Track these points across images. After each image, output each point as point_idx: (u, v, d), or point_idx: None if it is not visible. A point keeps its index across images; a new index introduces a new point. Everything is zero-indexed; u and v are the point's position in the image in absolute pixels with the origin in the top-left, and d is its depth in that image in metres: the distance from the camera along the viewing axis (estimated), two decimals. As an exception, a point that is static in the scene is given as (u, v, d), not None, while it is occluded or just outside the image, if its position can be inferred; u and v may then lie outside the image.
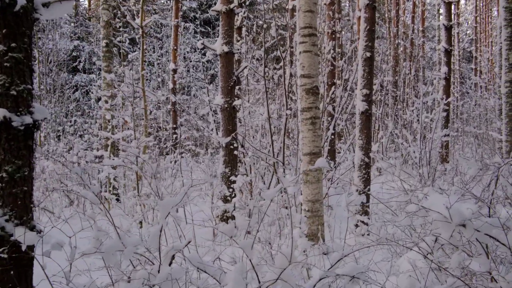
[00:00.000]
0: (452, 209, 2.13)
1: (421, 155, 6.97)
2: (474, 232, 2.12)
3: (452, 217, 2.12)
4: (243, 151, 7.39)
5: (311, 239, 4.98)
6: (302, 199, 5.07)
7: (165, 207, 2.32)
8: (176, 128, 12.94)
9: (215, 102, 6.80)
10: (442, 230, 2.20)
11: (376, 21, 5.86)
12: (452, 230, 2.15)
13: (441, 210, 2.14)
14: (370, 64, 5.81)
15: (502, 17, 6.95)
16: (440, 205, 2.16)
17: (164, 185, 8.01)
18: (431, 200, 2.27)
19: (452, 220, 2.12)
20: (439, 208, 2.16)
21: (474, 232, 2.12)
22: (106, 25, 9.99)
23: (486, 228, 2.13)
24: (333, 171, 7.35)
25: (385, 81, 12.71)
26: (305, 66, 4.94)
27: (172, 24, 13.37)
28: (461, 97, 21.84)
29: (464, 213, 2.15)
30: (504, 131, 7.16)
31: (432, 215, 2.19)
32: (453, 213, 2.13)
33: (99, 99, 10.02)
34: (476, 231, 2.12)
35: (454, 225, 2.13)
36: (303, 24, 4.95)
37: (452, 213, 2.12)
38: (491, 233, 2.14)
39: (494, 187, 2.60)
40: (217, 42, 6.77)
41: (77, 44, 23.70)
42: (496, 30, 22.27)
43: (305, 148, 5.01)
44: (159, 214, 2.39)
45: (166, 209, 2.33)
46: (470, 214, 2.14)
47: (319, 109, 5.02)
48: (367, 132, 5.79)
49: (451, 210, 2.12)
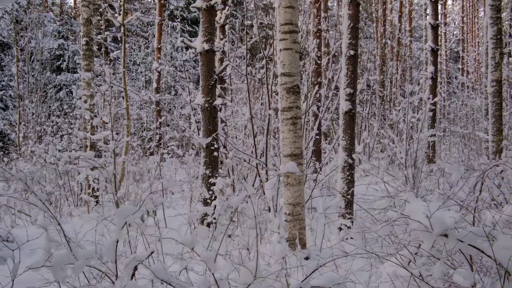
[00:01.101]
0: (433, 217, 1.95)
1: (407, 156, 6.83)
2: (457, 242, 1.95)
3: (433, 227, 1.95)
4: (225, 152, 7.19)
5: (292, 244, 4.80)
6: (282, 202, 4.88)
7: (122, 215, 2.11)
8: (159, 128, 12.71)
9: (195, 102, 6.59)
10: (423, 240, 2.03)
11: (360, 18, 5.69)
12: (433, 241, 1.98)
13: (421, 219, 1.97)
14: (354, 62, 5.64)
15: (488, 15, 6.82)
16: (420, 213, 1.98)
17: (142, 187, 7.78)
18: (411, 207, 2.09)
19: (433, 230, 1.95)
20: (419, 217, 1.98)
21: (457, 242, 1.95)
22: (86, 22, 9.71)
23: (470, 238, 1.96)
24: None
25: (372, 81, 12.60)
26: (286, 64, 4.75)
27: (156, 22, 13.10)
28: (448, 97, 21.84)
29: (446, 222, 1.97)
30: (490, 131, 7.04)
31: (412, 224, 2.02)
32: (434, 223, 1.95)
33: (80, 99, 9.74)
34: (459, 242, 1.95)
35: (435, 235, 1.96)
36: (283, 21, 4.76)
37: (433, 223, 1.95)
38: (475, 243, 1.97)
39: (479, 193, 2.43)
40: (197, 40, 6.56)
41: (61, 43, 23.31)
42: (482, 30, 22.31)
43: (285, 150, 4.82)
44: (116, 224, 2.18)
45: (123, 218, 2.12)
46: (453, 223, 1.96)
47: (300, 108, 4.84)
48: (351, 133, 5.62)
49: (432, 219, 1.95)
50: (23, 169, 8.90)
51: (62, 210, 7.98)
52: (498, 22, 6.77)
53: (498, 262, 1.93)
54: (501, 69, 6.83)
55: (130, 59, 25.02)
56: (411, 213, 2.06)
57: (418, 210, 2.02)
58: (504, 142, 6.82)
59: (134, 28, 28.56)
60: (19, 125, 11.36)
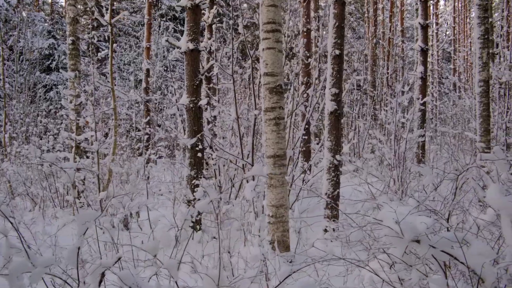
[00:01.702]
0: (404, 223, 1.88)
1: (395, 157, 6.76)
2: (428, 248, 1.87)
3: (404, 232, 1.88)
4: (211, 152, 7.11)
5: (275, 247, 4.72)
6: (265, 204, 4.80)
7: (83, 221, 2.02)
8: (148, 128, 12.59)
9: (180, 102, 6.50)
10: (394, 246, 1.95)
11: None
12: (405, 247, 1.91)
13: (392, 224, 1.90)
14: (339, 62, 5.57)
15: (476, 14, 6.78)
16: (391, 218, 1.91)
17: (126, 189, 7.68)
18: (384, 212, 2.02)
19: (404, 236, 1.88)
20: (390, 222, 1.91)
21: (429, 248, 1.88)
22: (73, 21, 9.59)
23: (443, 244, 1.89)
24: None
25: (362, 81, 12.55)
26: (269, 63, 4.68)
27: (145, 21, 12.98)
28: (439, 97, 21.84)
29: (417, 227, 1.90)
30: (478, 131, 7.00)
31: (384, 230, 1.94)
32: (405, 228, 1.88)
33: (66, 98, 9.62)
34: (431, 248, 1.88)
35: (407, 241, 1.89)
36: (266, 20, 4.68)
37: (404, 228, 1.88)
38: (448, 249, 1.90)
39: (453, 197, 2.35)
40: (182, 39, 6.47)
41: (52, 42, 23.10)
42: (474, 31, 22.32)
43: (268, 150, 4.74)
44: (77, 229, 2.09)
45: (84, 223, 2.03)
46: (425, 229, 1.89)
47: (283, 109, 4.76)
48: (336, 133, 5.55)
49: (402, 225, 1.87)
50: (8, 170, 8.76)
51: (46, 212, 7.86)
52: (485, 22, 6.72)
53: (471, 269, 1.86)
54: (489, 69, 6.79)
55: (121, 59, 24.87)
56: (384, 218, 1.99)
57: (390, 215, 1.94)
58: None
59: (126, 28, 28.40)
60: (4, 125, 11.21)
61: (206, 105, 7.73)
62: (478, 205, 4.90)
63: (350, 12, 29.41)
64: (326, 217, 5.50)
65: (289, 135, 6.92)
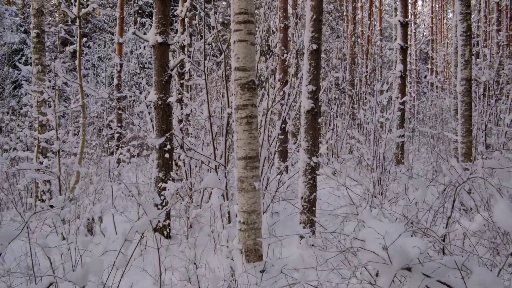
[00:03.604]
0: (393, 247, 1.55)
1: (374, 157, 6.48)
2: (423, 278, 1.55)
3: (392, 259, 1.55)
4: (181, 152, 6.71)
5: (247, 255, 4.36)
6: (237, 210, 4.43)
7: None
8: (120, 127, 12.09)
9: (148, 99, 6.09)
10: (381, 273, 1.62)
11: (323, 10, 5.29)
12: (393, 275, 1.58)
13: (377, 249, 1.56)
14: (316, 57, 5.24)
15: (458, 10, 6.53)
16: (376, 243, 1.57)
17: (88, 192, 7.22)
18: (368, 230, 1.68)
19: (392, 262, 1.55)
20: (375, 247, 1.58)
21: (423, 278, 1.55)
22: (37, 13, 9.06)
23: (439, 272, 1.56)
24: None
25: (340, 79, 12.29)
26: (240, 57, 4.31)
27: (117, 15, 12.46)
28: (417, 97, 21.80)
29: (409, 252, 1.57)
30: (459, 132, 6.74)
31: (367, 254, 1.61)
32: (393, 254, 1.55)
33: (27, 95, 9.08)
34: (426, 277, 1.55)
35: (396, 269, 1.56)
36: (237, 10, 4.32)
37: (392, 254, 1.55)
38: (445, 278, 1.57)
39: (450, 214, 2.02)
40: (150, 32, 6.06)
41: (23, 37, 22.25)
42: (451, 31, 22.37)
43: (240, 152, 4.38)
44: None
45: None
46: (417, 254, 1.56)
47: (256, 106, 4.40)
48: (313, 133, 5.22)
49: (391, 249, 1.54)
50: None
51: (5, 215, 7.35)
52: (468, 18, 6.48)
53: (473, 301, 1.54)
54: (471, 67, 6.55)
55: (96, 55, 24.16)
56: (367, 238, 1.65)
57: (375, 235, 1.61)
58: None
59: (101, 23, 27.66)
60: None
61: (177, 103, 7.33)
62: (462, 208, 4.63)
63: (329, 11, 29.27)
64: (302, 222, 5.16)
65: (264, 135, 6.56)
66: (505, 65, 10.34)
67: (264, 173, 6.71)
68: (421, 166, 9.78)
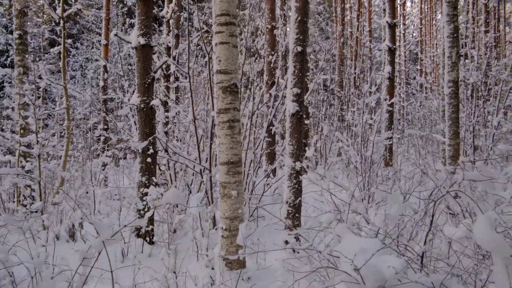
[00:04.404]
0: (367, 267, 1.45)
1: (361, 160, 6.40)
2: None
3: (366, 280, 1.45)
4: (166, 156, 6.58)
5: (230, 263, 4.25)
6: (219, 216, 4.32)
7: None
8: (106, 130, 11.93)
9: (130, 102, 5.96)
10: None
11: (309, 11, 5.21)
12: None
13: (349, 270, 1.46)
14: (301, 59, 5.14)
15: (445, 12, 6.47)
16: (352, 254, 1.47)
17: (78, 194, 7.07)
18: (343, 245, 1.58)
19: (366, 283, 1.45)
20: (346, 267, 1.48)
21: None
22: (20, 14, 8.89)
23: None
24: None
25: (328, 80, 12.21)
26: (222, 60, 4.20)
27: (103, 17, 12.29)
28: (406, 98, 21.81)
29: (383, 272, 1.48)
30: (447, 134, 6.69)
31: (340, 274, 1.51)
32: (366, 274, 1.45)
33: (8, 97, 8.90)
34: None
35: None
36: (219, 11, 4.21)
37: (366, 274, 1.45)
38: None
39: (428, 230, 1.92)
40: (133, 33, 5.94)
41: (9, 38, 21.96)
42: (440, 32, 22.44)
43: (222, 156, 4.27)
44: None
45: None
46: (392, 274, 1.46)
47: (238, 110, 4.29)
48: (298, 137, 5.12)
49: (364, 269, 1.44)
50: None
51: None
52: (454, 20, 6.42)
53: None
54: (458, 69, 6.50)
55: (86, 57, 23.94)
56: (343, 252, 1.55)
57: (351, 250, 1.51)
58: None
59: (89, 24, 27.41)
60: None
61: (161, 106, 7.20)
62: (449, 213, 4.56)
63: (319, 12, 29.25)
64: (287, 228, 5.06)
65: (249, 138, 6.46)
66: (492, 66, 10.32)
67: (250, 177, 6.61)
68: (409, 168, 9.73)
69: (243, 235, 2.92)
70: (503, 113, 8.93)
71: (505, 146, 3.20)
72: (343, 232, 1.69)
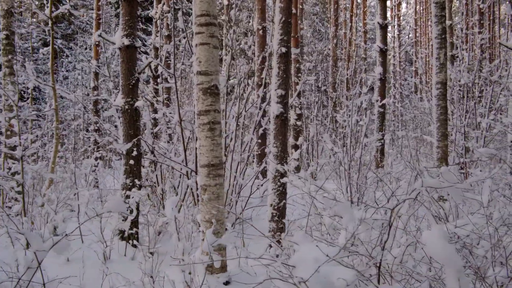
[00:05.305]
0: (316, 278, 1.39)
1: (350, 162, 6.34)
2: (347, 312, 1.39)
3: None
4: (152, 158, 6.51)
5: (210, 267, 4.20)
6: (199, 219, 4.26)
7: None
8: (97, 130, 11.85)
9: (115, 103, 5.89)
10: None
11: (292, 11, 5.16)
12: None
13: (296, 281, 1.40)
14: (286, 61, 5.09)
15: (433, 13, 6.43)
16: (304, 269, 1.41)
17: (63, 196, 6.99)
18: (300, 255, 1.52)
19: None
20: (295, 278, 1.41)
21: (348, 312, 1.39)
22: (7, 14, 8.81)
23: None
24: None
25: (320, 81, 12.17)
26: (202, 61, 4.15)
27: (94, 17, 12.21)
28: (401, 99, 21.79)
29: (334, 283, 1.42)
30: (435, 136, 6.64)
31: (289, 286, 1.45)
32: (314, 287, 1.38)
33: None
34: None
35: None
36: (199, 12, 4.15)
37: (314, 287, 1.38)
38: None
39: (385, 240, 1.85)
40: (117, 34, 5.87)
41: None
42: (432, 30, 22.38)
43: (202, 159, 4.21)
44: None
45: None
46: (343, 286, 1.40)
47: (219, 112, 4.24)
48: (283, 139, 5.07)
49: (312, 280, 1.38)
50: None
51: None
52: (442, 21, 6.38)
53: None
54: (446, 71, 6.45)
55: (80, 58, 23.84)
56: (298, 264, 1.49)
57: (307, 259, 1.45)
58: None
59: (83, 25, 27.33)
60: None
61: (150, 107, 7.15)
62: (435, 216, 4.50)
63: (315, 13, 29.24)
64: (271, 231, 5.01)
65: (235, 140, 6.40)
66: (484, 68, 10.29)
67: (236, 179, 6.55)
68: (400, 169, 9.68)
69: (208, 242, 2.85)
70: (494, 115, 8.90)
71: (486, 150, 3.15)
72: (301, 240, 1.63)
